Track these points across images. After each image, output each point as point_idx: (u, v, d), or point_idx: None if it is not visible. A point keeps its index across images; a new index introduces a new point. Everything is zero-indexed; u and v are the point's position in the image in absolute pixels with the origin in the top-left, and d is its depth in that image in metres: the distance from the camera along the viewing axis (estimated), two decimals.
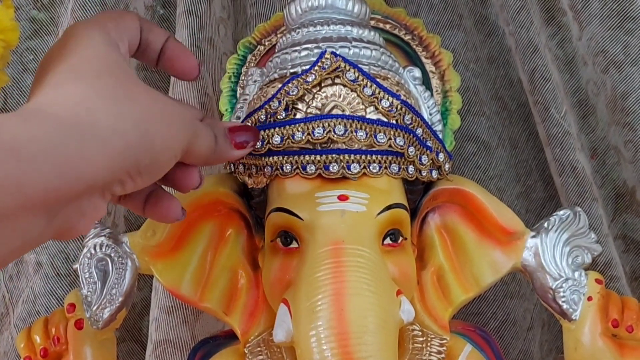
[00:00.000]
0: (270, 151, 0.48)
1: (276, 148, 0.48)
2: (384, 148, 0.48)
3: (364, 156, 0.48)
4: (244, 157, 0.49)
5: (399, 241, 0.48)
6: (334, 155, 0.47)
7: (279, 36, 0.58)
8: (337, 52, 0.49)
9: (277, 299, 0.47)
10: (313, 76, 0.48)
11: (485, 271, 0.53)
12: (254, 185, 0.51)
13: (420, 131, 0.50)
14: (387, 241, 0.48)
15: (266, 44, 0.59)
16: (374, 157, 0.48)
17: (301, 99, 0.49)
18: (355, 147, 0.48)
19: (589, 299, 0.51)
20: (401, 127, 0.48)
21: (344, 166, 0.47)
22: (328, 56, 0.48)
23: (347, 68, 0.48)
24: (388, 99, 0.48)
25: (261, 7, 0.75)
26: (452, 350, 0.52)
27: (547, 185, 0.73)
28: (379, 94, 0.48)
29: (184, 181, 0.42)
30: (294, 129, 0.48)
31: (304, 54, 0.50)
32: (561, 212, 0.52)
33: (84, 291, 0.51)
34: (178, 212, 0.44)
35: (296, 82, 0.48)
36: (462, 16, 0.73)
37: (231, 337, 0.52)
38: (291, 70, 0.50)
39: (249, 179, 0.51)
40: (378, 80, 0.49)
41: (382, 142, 0.48)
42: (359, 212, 0.47)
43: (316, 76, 0.48)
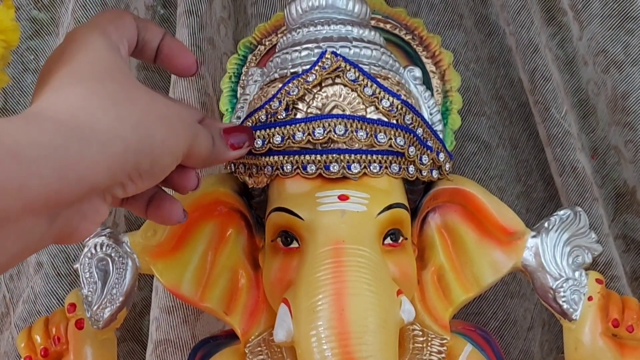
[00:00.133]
0: (271, 151, 0.48)
1: (277, 148, 0.48)
2: (385, 148, 0.48)
3: (364, 156, 0.48)
4: (245, 157, 0.49)
5: (399, 241, 0.48)
6: (334, 155, 0.47)
7: (279, 36, 0.58)
8: (338, 52, 0.49)
9: (278, 299, 0.47)
10: (313, 76, 0.48)
11: (485, 271, 0.53)
12: (254, 185, 0.51)
13: (420, 131, 0.50)
14: (388, 241, 0.48)
15: (267, 43, 0.59)
16: (374, 157, 0.48)
17: (302, 98, 0.49)
18: (355, 147, 0.48)
19: (590, 298, 0.51)
20: (402, 127, 0.48)
21: (345, 166, 0.47)
22: (328, 56, 0.48)
23: (348, 68, 0.48)
24: (388, 99, 0.48)
25: (261, 6, 0.75)
26: (453, 350, 0.52)
27: (548, 185, 0.73)
28: (379, 93, 0.48)
29: (181, 183, 0.42)
30: (295, 129, 0.48)
31: (304, 53, 0.50)
32: (561, 212, 0.52)
33: (84, 291, 0.51)
34: (180, 214, 0.44)
35: (297, 82, 0.48)
36: (462, 16, 0.73)
37: (232, 336, 0.52)
38: (292, 70, 0.50)
39: (249, 178, 0.51)
40: (378, 80, 0.49)
41: (383, 142, 0.48)
42: (360, 212, 0.47)
43: (317, 76, 0.48)
